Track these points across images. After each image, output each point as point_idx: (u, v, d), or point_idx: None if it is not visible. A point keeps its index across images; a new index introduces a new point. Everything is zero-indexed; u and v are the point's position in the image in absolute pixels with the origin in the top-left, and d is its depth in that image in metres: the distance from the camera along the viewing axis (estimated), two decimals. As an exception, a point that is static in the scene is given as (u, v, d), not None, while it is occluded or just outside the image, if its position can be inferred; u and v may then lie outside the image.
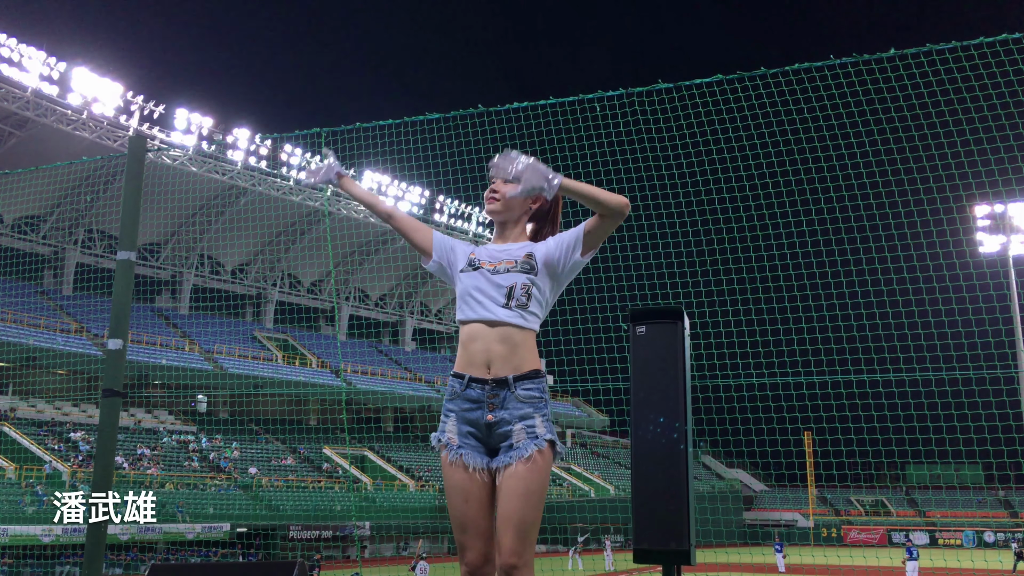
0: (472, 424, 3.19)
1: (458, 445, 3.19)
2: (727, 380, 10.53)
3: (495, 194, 3.35)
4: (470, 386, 3.20)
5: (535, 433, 3.13)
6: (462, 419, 3.21)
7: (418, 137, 9.82)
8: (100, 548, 6.68)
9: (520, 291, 3.21)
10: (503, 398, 3.16)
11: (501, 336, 3.18)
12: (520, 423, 3.13)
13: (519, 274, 3.24)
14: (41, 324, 36.31)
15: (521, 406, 3.15)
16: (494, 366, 3.17)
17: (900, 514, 57.10)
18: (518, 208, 3.38)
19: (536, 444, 3.11)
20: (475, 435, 3.19)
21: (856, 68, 8.18)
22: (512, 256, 3.29)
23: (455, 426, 3.22)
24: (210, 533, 31.13)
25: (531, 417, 3.14)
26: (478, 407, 3.19)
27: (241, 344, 45.08)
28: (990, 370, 9.96)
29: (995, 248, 37.39)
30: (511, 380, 3.16)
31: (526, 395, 3.16)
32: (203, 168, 42.07)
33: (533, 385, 3.18)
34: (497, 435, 3.16)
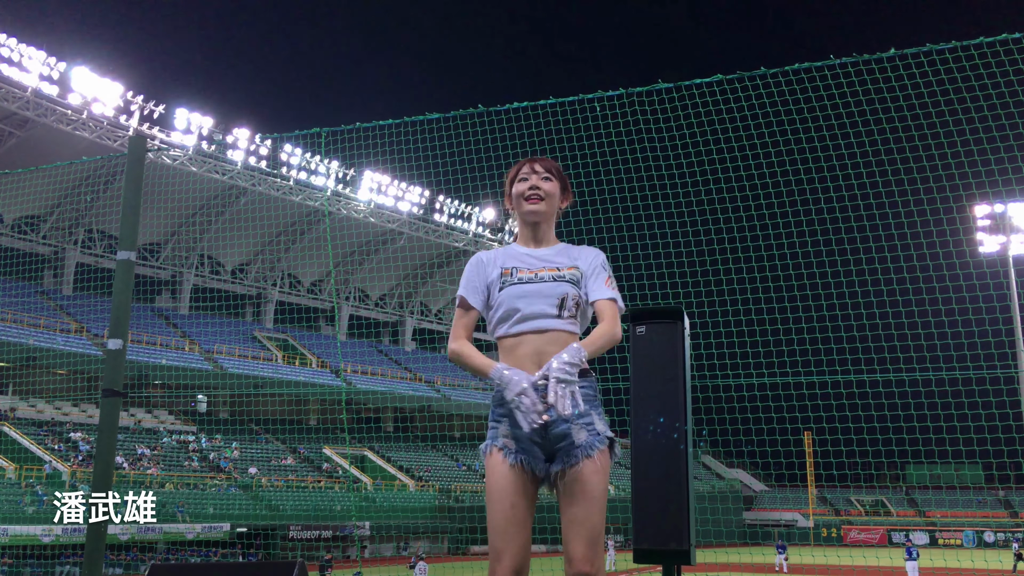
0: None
1: (516, 450, 3.05)
2: (727, 380, 10.53)
3: (538, 191, 3.24)
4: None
5: (595, 430, 3.05)
6: (516, 423, 3.01)
7: (418, 137, 9.82)
8: (100, 548, 6.68)
9: (571, 302, 3.14)
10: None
11: (552, 339, 3.08)
12: (579, 421, 3.03)
13: (569, 285, 3.16)
14: (41, 324, 36.32)
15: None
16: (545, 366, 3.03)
17: (900, 514, 57.10)
18: (556, 205, 3.32)
19: (599, 442, 3.04)
20: (532, 438, 3.04)
21: (856, 68, 8.18)
22: (554, 263, 3.21)
23: (509, 430, 3.07)
24: (210, 533, 31.13)
25: (588, 415, 3.05)
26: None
27: (241, 344, 45.08)
28: (990, 370, 9.96)
29: (995, 248, 37.41)
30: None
31: (582, 393, 3.00)
32: (203, 168, 42.07)
33: (587, 383, 3.10)
34: (554, 435, 3.03)
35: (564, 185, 3.34)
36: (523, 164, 3.32)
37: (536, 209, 3.24)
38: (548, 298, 3.12)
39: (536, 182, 3.24)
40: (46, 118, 37.55)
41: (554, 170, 3.29)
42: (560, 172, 3.33)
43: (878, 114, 9.99)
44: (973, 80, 8.63)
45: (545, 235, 3.30)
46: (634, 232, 12.16)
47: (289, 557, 32.22)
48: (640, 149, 10.84)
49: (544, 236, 3.30)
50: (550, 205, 3.26)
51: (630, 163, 11.35)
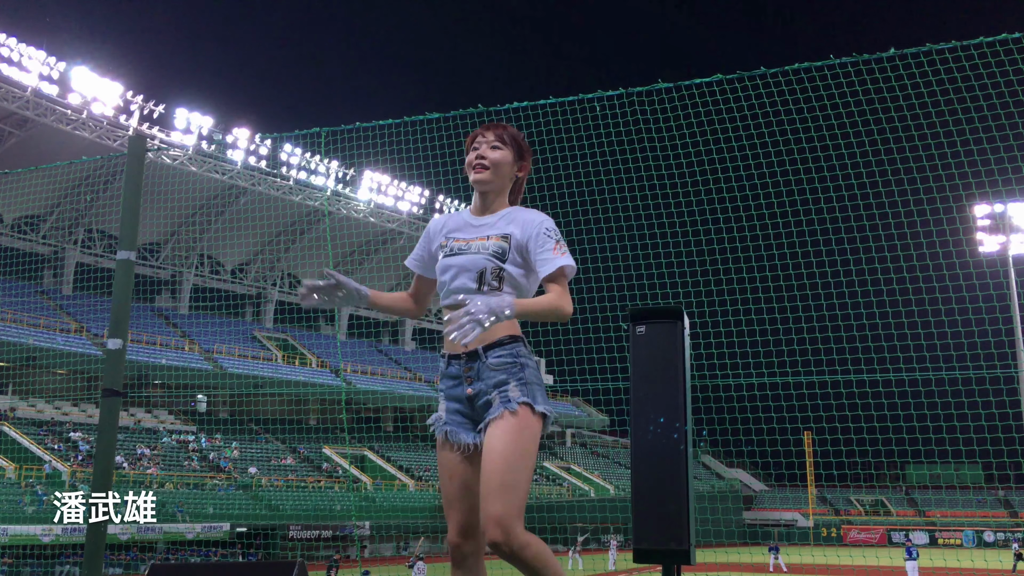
0: (456, 400, 3.18)
1: (445, 421, 3.19)
2: (727, 380, 10.53)
3: (484, 160, 3.19)
4: (450, 363, 3.19)
5: (507, 397, 3.04)
6: (448, 396, 3.21)
7: (418, 137, 9.82)
8: (100, 548, 6.68)
9: (491, 276, 3.11)
10: (478, 369, 3.11)
11: None
12: (495, 391, 3.07)
13: (488, 259, 3.12)
14: (41, 324, 36.31)
15: (495, 374, 3.08)
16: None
17: (900, 514, 57.11)
18: (507, 174, 3.24)
19: (506, 407, 3.02)
20: (461, 411, 3.17)
21: (856, 68, 8.18)
22: (486, 232, 3.18)
23: (444, 404, 3.22)
24: (210, 533, 31.14)
25: (505, 384, 3.06)
26: (458, 382, 3.17)
27: (241, 344, 45.08)
28: (990, 370, 9.96)
29: (995, 248, 37.41)
30: (480, 351, 3.09)
31: (498, 362, 3.08)
32: (203, 168, 42.07)
33: (504, 351, 3.10)
34: (479, 407, 3.11)
35: (520, 153, 3.25)
36: (476, 132, 3.28)
37: (480, 178, 3.19)
38: (469, 272, 3.12)
39: (484, 151, 3.20)
40: (46, 118, 37.54)
41: (506, 137, 3.22)
42: (515, 139, 3.24)
43: (878, 114, 9.99)
44: (973, 80, 8.63)
45: (493, 203, 3.24)
46: (634, 232, 12.16)
47: (289, 557, 32.21)
48: (640, 149, 10.85)
49: (491, 205, 3.25)
50: (497, 174, 3.20)
51: (630, 163, 11.35)
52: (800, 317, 11.27)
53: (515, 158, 3.24)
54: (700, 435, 50.83)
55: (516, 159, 3.24)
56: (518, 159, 3.25)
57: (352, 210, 46.82)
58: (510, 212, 3.23)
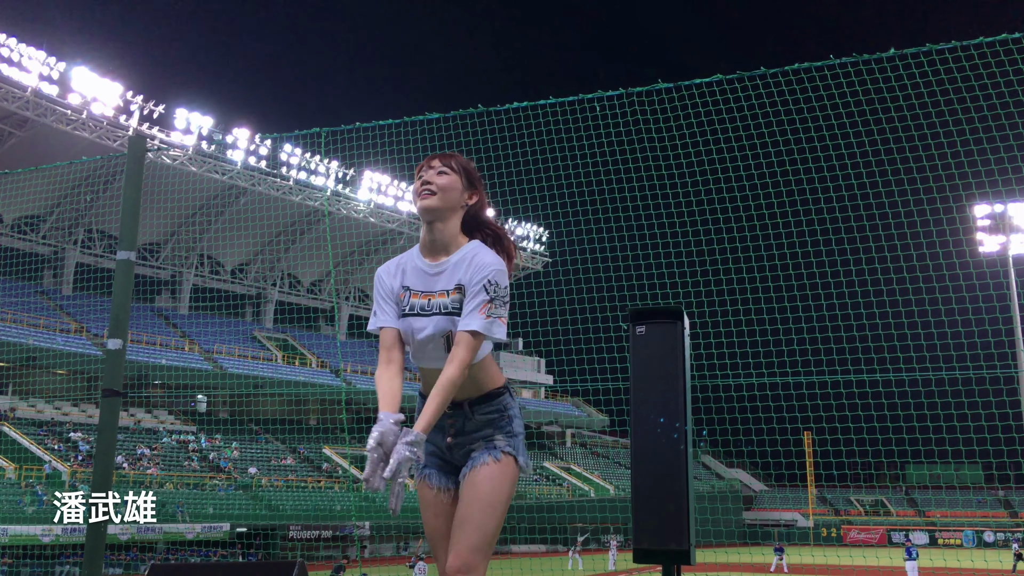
0: (435, 444, 3.13)
1: (424, 464, 3.14)
2: (727, 380, 10.53)
3: (430, 186, 2.98)
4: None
5: (493, 445, 3.02)
6: (432, 439, 3.13)
7: (418, 137, 9.82)
8: (100, 548, 6.68)
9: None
10: (462, 423, 3.07)
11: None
12: (480, 440, 3.05)
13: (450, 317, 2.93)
14: (41, 324, 36.31)
15: (480, 427, 3.05)
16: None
17: (900, 514, 57.11)
18: (455, 200, 3.01)
19: (492, 455, 3.00)
20: (438, 455, 3.14)
21: (856, 68, 8.18)
22: (443, 287, 2.96)
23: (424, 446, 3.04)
24: (210, 533, 31.14)
25: (491, 436, 3.04)
26: (439, 431, 3.10)
27: (241, 344, 45.08)
28: (990, 370, 9.96)
29: (995, 248, 37.41)
30: (467, 406, 3.04)
31: (484, 419, 3.05)
32: (203, 168, 42.07)
33: (491, 407, 3.06)
34: (459, 455, 3.09)
35: (470, 180, 3.04)
36: (423, 163, 3.10)
37: (426, 205, 2.97)
38: (435, 340, 2.96)
39: (429, 177, 3.00)
40: (46, 118, 37.54)
41: (454, 164, 3.03)
42: (464, 167, 3.05)
43: (878, 114, 9.99)
44: (973, 80, 8.63)
45: (441, 237, 3.00)
46: (634, 232, 12.17)
47: (289, 557, 32.22)
48: (640, 149, 10.85)
49: (441, 239, 3.00)
50: (445, 200, 2.97)
51: (630, 163, 11.35)
52: (800, 317, 11.28)
53: (465, 185, 3.03)
54: (700, 435, 50.82)
55: (466, 186, 3.04)
56: (468, 187, 3.05)
57: (352, 210, 46.81)
58: (466, 253, 2.98)
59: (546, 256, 52.93)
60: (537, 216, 43.40)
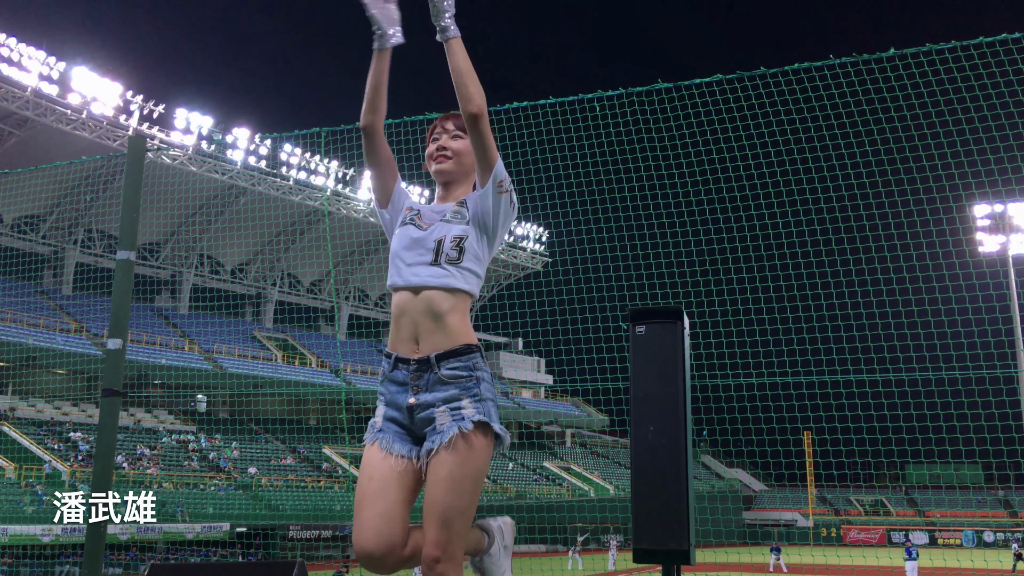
0: (395, 407, 2.91)
1: (379, 428, 2.92)
2: (727, 380, 10.53)
3: (445, 151, 3.06)
4: (397, 367, 2.90)
5: (461, 415, 2.79)
6: (389, 403, 2.93)
7: (418, 137, 9.80)
8: (100, 548, 6.67)
9: (450, 244, 2.90)
10: (427, 380, 2.85)
11: (426, 306, 2.86)
12: (444, 405, 2.82)
13: (448, 224, 2.94)
14: (41, 324, 36.31)
15: (446, 388, 2.83)
16: (422, 342, 2.86)
17: (900, 514, 57.11)
18: (468, 162, 3.05)
19: (460, 427, 2.77)
20: (398, 420, 2.91)
21: (856, 68, 8.18)
22: (443, 212, 3.01)
23: (381, 409, 2.96)
24: (210, 533, 31.14)
25: (457, 399, 2.81)
26: (403, 389, 2.89)
27: (241, 344, 45.07)
28: (990, 370, 9.96)
29: (995, 248, 37.41)
30: (433, 359, 2.84)
31: (451, 375, 2.83)
32: (203, 168, 42.07)
33: (459, 363, 2.84)
34: (419, 420, 2.86)
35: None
36: (436, 122, 3.14)
37: (442, 168, 3.06)
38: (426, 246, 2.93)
39: (445, 141, 3.07)
40: (46, 118, 37.54)
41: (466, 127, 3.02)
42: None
43: (878, 114, 9.99)
44: (973, 80, 8.63)
45: (454, 193, 3.09)
46: (634, 232, 12.17)
47: (289, 557, 32.21)
48: (640, 149, 10.85)
49: (453, 194, 3.09)
50: (459, 164, 3.06)
51: (630, 163, 11.35)
52: (800, 317, 11.28)
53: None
54: (700, 435, 50.82)
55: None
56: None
57: (352, 210, 46.81)
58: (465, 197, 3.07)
59: (546, 256, 52.97)
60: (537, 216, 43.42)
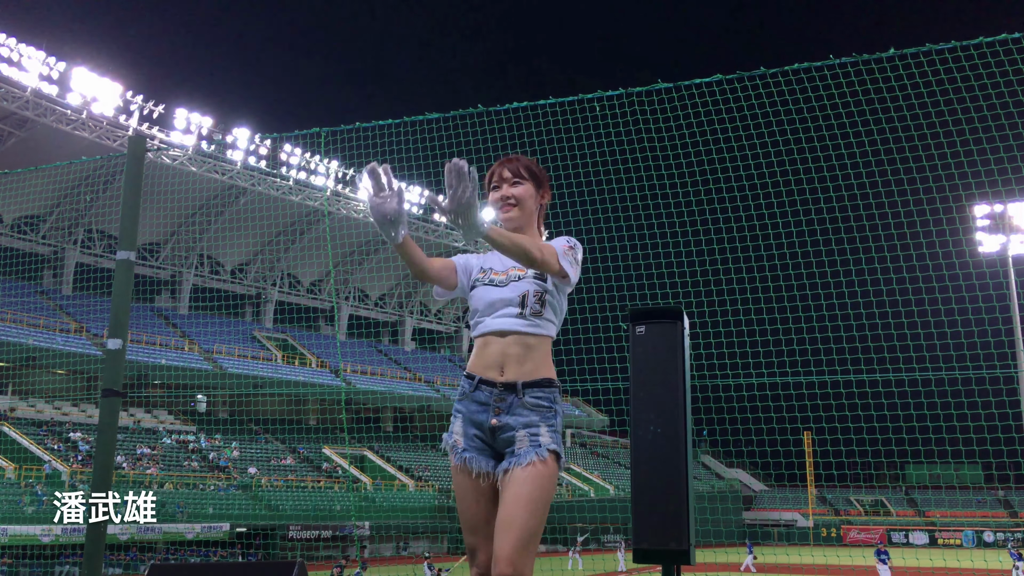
0: (478, 427, 3.14)
1: (463, 448, 3.14)
2: (727, 380, 10.52)
3: (510, 200, 3.22)
4: (479, 388, 3.14)
5: (538, 442, 3.04)
6: (468, 421, 3.16)
7: (418, 137, 9.82)
8: (100, 548, 6.67)
9: (533, 299, 3.14)
10: (510, 403, 3.09)
11: (516, 341, 3.12)
12: (524, 430, 3.06)
13: (531, 281, 3.16)
14: (41, 324, 36.30)
15: (528, 413, 3.08)
16: (507, 369, 3.11)
17: (900, 514, 57.11)
18: (530, 207, 3.25)
19: (537, 453, 3.02)
20: (481, 438, 3.14)
21: (856, 68, 8.18)
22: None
23: (462, 427, 3.17)
24: (210, 533, 31.14)
25: (536, 426, 3.07)
26: (484, 410, 3.12)
27: (241, 344, 45.07)
28: (990, 370, 9.95)
29: (995, 248, 37.38)
30: (520, 386, 3.09)
31: (534, 402, 3.09)
32: (203, 168, 42.07)
33: (543, 393, 3.11)
34: (501, 440, 3.10)
35: (539, 181, 3.28)
36: (494, 169, 3.29)
37: (510, 217, 3.22)
38: (510, 300, 3.14)
39: (506, 191, 3.22)
40: (46, 118, 37.54)
41: (523, 171, 3.24)
42: (531, 170, 3.27)
43: (878, 114, 9.99)
44: (973, 80, 8.63)
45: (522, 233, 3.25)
46: (634, 232, 12.16)
47: (289, 557, 32.21)
48: (640, 149, 10.84)
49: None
50: (524, 209, 3.23)
51: (630, 163, 11.35)
52: (800, 317, 11.27)
53: (536, 187, 3.27)
54: (700, 435, 50.82)
55: (537, 188, 3.28)
56: (538, 188, 3.28)
57: (352, 210, 46.81)
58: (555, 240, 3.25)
59: (546, 256, 52.84)
60: (537, 216, 43.30)
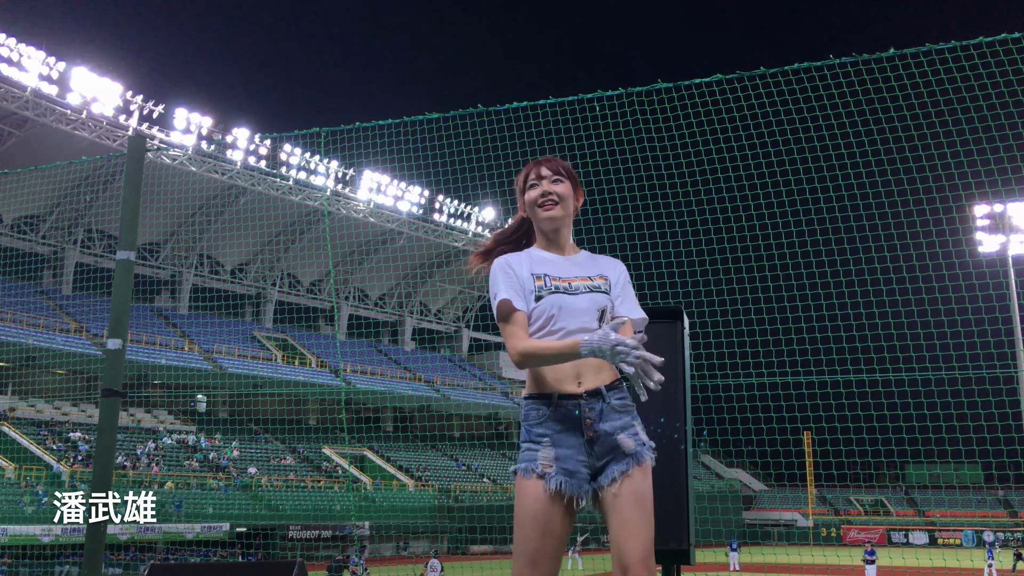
0: (570, 447, 2.94)
1: (555, 472, 2.92)
2: (727, 380, 10.52)
3: (552, 196, 3.09)
4: (559, 404, 2.95)
5: (641, 440, 3.00)
6: (558, 443, 2.94)
7: (418, 137, 9.82)
8: (99, 548, 6.67)
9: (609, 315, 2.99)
10: (600, 411, 2.95)
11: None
12: (623, 433, 2.97)
13: (605, 296, 3.04)
14: (41, 324, 36.30)
15: (619, 416, 2.98)
16: (585, 379, 2.96)
17: (899, 514, 57.11)
18: (571, 207, 3.15)
19: (647, 451, 3.01)
20: (575, 458, 2.95)
21: (856, 68, 8.17)
22: (585, 272, 3.08)
23: (550, 451, 2.93)
24: (210, 533, 31.14)
25: (631, 426, 3.00)
26: (570, 426, 2.95)
27: (241, 344, 45.06)
28: (990, 370, 9.95)
29: (995, 248, 37.39)
30: (604, 390, 2.96)
31: (620, 404, 3.00)
32: (202, 168, 42.07)
33: (623, 394, 3.03)
34: (598, 451, 2.95)
35: (575, 183, 3.18)
36: (530, 168, 3.18)
37: (553, 215, 3.08)
38: (588, 311, 2.98)
39: (547, 187, 3.09)
40: (45, 118, 37.54)
41: (563, 170, 3.14)
42: (569, 170, 3.17)
43: (878, 114, 9.99)
44: (973, 80, 8.63)
45: (565, 240, 3.15)
46: (634, 232, 12.16)
47: (289, 557, 32.21)
48: (640, 149, 10.84)
49: (565, 242, 3.15)
50: (566, 208, 3.10)
51: (630, 163, 11.35)
52: (800, 317, 11.28)
53: (574, 188, 3.17)
54: (700, 435, 50.83)
55: (574, 189, 3.18)
56: (575, 189, 3.18)
57: (352, 210, 46.80)
58: (591, 256, 3.18)
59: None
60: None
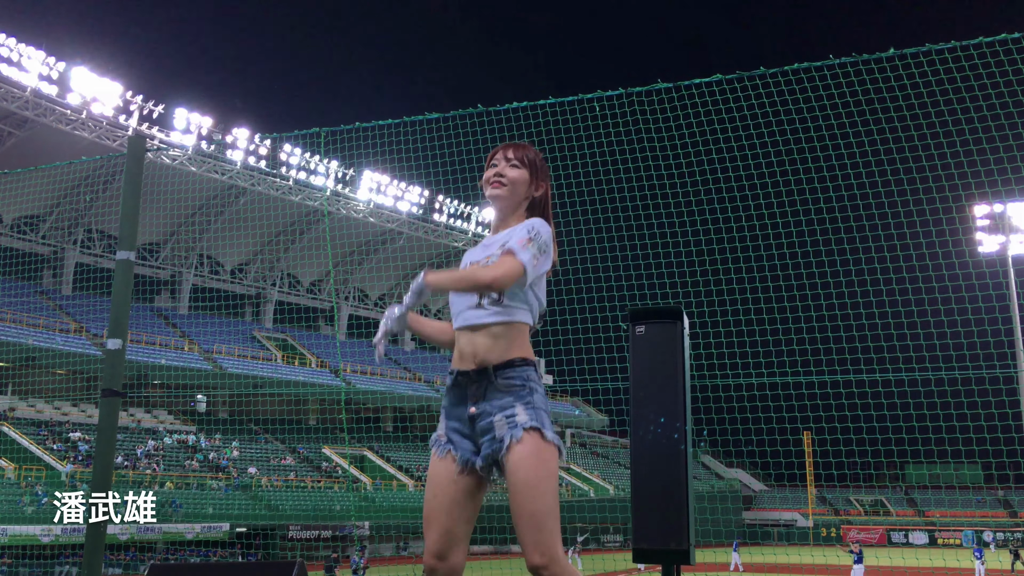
0: (457, 419, 3.08)
1: (446, 440, 3.09)
2: (727, 380, 10.52)
3: (501, 178, 3.19)
4: (456, 380, 3.09)
5: (515, 423, 2.95)
6: (449, 415, 3.11)
7: (417, 137, 9.82)
8: (99, 548, 6.67)
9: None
10: (484, 388, 3.02)
11: (483, 331, 3.06)
12: (500, 414, 2.98)
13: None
14: (40, 324, 36.30)
15: (502, 396, 2.99)
16: (478, 357, 3.04)
17: (899, 514, 57.12)
18: (522, 193, 3.22)
19: (514, 434, 2.93)
20: (460, 431, 3.07)
21: (856, 68, 8.17)
22: (492, 250, 3.13)
23: (444, 422, 3.13)
24: (210, 533, 31.13)
25: (512, 407, 2.98)
26: (461, 400, 3.08)
27: (240, 344, 45.06)
28: (990, 370, 9.95)
29: (995, 248, 37.40)
30: (491, 370, 3.01)
31: (506, 384, 3.00)
32: (202, 168, 42.06)
33: (515, 373, 3.02)
34: (479, 428, 3.02)
35: (536, 173, 3.24)
36: (498, 149, 3.28)
37: (496, 194, 3.20)
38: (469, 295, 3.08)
39: (502, 168, 3.20)
40: (45, 118, 37.53)
41: (525, 158, 3.22)
42: (533, 161, 3.23)
43: (878, 114, 9.98)
44: (973, 80, 8.63)
45: (507, 221, 3.22)
46: (634, 232, 12.17)
47: (289, 557, 32.21)
48: (639, 149, 10.84)
49: (505, 222, 3.23)
50: (512, 192, 3.19)
51: (629, 163, 11.35)
52: (800, 317, 11.27)
53: (531, 176, 3.23)
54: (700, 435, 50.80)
55: (532, 177, 3.24)
56: (533, 178, 3.24)
57: (352, 210, 46.79)
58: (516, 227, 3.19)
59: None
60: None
